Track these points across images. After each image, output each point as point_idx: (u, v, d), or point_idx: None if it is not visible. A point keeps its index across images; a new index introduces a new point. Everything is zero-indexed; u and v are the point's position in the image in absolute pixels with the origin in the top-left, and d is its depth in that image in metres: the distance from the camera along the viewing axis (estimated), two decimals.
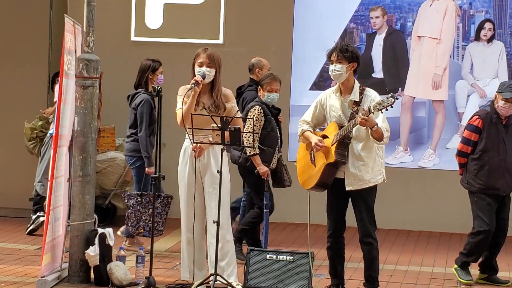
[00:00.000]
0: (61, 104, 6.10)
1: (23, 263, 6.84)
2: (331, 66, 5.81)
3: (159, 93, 5.95)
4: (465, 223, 8.80)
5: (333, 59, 5.79)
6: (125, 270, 6.20)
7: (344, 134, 5.71)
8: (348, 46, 5.84)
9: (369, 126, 5.62)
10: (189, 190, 6.06)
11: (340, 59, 5.76)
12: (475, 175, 6.56)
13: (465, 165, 6.66)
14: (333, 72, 5.80)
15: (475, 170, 6.56)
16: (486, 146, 6.52)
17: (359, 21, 9.08)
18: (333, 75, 5.82)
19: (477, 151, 6.55)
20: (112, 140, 8.65)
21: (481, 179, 6.53)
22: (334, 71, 5.79)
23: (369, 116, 5.56)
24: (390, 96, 5.58)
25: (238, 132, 5.82)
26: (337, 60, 5.77)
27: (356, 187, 5.77)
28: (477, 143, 6.56)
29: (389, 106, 5.59)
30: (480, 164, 6.54)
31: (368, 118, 5.56)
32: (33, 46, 9.29)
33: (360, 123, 5.60)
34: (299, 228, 8.59)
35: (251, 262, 6.15)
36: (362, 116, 5.57)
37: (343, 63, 5.77)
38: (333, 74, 5.81)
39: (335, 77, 5.81)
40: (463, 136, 6.71)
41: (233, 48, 8.90)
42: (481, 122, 6.55)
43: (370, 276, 5.89)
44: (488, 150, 6.52)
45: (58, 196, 6.18)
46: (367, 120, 5.57)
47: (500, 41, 8.91)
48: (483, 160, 6.53)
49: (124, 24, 9.23)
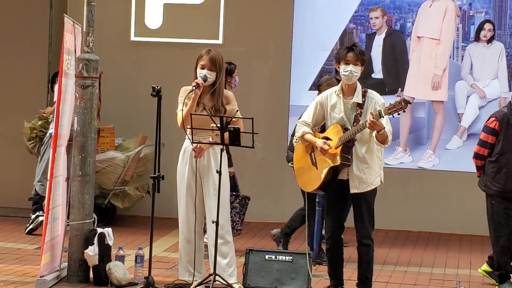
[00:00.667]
0: (60, 104, 6.10)
1: (22, 262, 6.85)
2: (349, 67, 5.70)
3: (158, 93, 5.95)
4: (464, 224, 8.81)
5: (350, 60, 5.70)
6: (124, 270, 6.20)
7: (350, 137, 5.70)
8: (362, 49, 5.79)
9: (377, 130, 5.60)
10: (189, 191, 6.06)
11: (357, 61, 5.72)
12: (492, 178, 6.45)
13: (482, 168, 6.55)
14: (350, 73, 5.70)
15: (493, 173, 6.44)
16: (503, 148, 6.41)
17: (358, 22, 9.08)
18: (348, 76, 5.71)
19: (494, 154, 6.43)
20: (111, 140, 8.64)
21: (498, 182, 6.42)
22: (352, 72, 5.70)
23: (378, 120, 5.55)
24: (402, 100, 5.53)
25: (238, 132, 5.82)
26: (355, 62, 5.71)
27: (360, 189, 5.77)
28: (494, 145, 6.44)
29: (402, 111, 5.55)
30: (497, 167, 6.43)
31: (378, 121, 5.55)
32: (33, 46, 9.29)
33: (369, 126, 5.56)
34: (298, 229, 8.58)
35: (250, 262, 6.15)
36: (372, 119, 5.53)
37: (359, 65, 5.74)
38: (349, 75, 5.70)
39: (350, 78, 5.72)
40: (479, 138, 6.56)
41: (233, 48, 8.90)
42: (498, 124, 6.43)
43: (366, 277, 5.88)
44: (505, 153, 6.41)
45: (57, 196, 6.19)
46: (376, 124, 5.55)
47: (500, 41, 8.91)
48: (501, 163, 6.42)
49: (124, 24, 9.24)
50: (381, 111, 5.59)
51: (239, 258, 6.81)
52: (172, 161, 7.54)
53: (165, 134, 6.47)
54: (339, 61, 5.76)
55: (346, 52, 5.74)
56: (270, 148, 8.68)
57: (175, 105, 6.19)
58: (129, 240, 7.86)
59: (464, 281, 6.81)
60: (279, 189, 9.04)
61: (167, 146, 8.35)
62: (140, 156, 8.55)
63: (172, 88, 6.91)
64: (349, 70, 5.72)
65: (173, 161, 6.34)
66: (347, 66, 5.72)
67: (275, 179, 9.05)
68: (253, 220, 8.98)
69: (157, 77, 8.60)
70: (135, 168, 8.54)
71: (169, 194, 7.73)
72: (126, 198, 8.61)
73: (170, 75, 8.88)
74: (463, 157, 8.90)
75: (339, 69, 5.78)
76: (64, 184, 6.31)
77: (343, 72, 5.75)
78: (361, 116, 5.77)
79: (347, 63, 5.72)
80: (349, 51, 5.74)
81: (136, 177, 8.59)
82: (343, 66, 5.74)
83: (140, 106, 9.02)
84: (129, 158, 8.47)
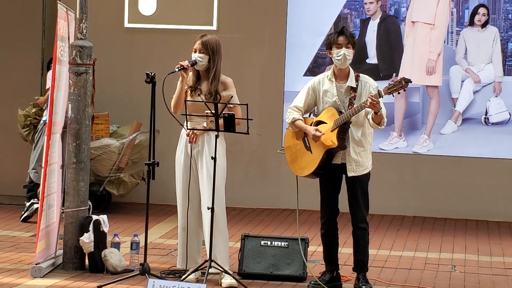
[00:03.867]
0: (54, 91, 6.08)
1: (17, 250, 6.85)
2: (342, 50, 5.67)
3: (152, 79, 5.93)
4: (459, 209, 8.84)
5: (342, 43, 5.68)
6: (120, 256, 6.20)
7: (346, 119, 5.69)
8: (351, 32, 5.78)
9: (375, 110, 5.58)
10: (185, 177, 6.06)
11: (349, 43, 5.70)
12: None
13: None
14: (344, 56, 5.67)
15: None
16: None
17: (353, 7, 9.06)
18: (342, 60, 5.68)
19: None
20: (106, 127, 8.63)
21: None
22: (345, 56, 5.67)
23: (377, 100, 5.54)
24: (402, 79, 5.51)
25: (232, 118, 5.81)
26: (346, 45, 5.69)
27: (358, 173, 5.78)
28: None
29: (402, 89, 5.53)
30: None
31: (378, 100, 5.54)
32: (27, 33, 9.25)
33: (370, 105, 5.53)
34: (293, 214, 8.61)
35: (245, 248, 6.16)
36: (373, 98, 5.50)
37: (351, 48, 5.72)
38: (343, 59, 5.68)
39: (344, 62, 5.70)
40: None
41: (227, 35, 8.87)
42: None
43: (362, 261, 5.90)
44: None
45: (51, 183, 6.18)
46: (378, 103, 5.53)
47: (494, 26, 8.90)
48: None
49: (118, 10, 9.20)
50: (381, 90, 5.59)
51: (234, 244, 6.82)
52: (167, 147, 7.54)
53: (159, 121, 6.45)
54: (331, 46, 5.75)
55: (337, 36, 5.72)
56: (265, 134, 8.68)
57: (170, 91, 6.17)
58: (125, 227, 7.86)
59: (459, 265, 6.84)
60: (274, 175, 9.05)
61: (162, 133, 8.34)
62: (135, 143, 8.54)
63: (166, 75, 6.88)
64: (342, 54, 5.70)
65: (168, 147, 6.34)
66: (340, 50, 5.71)
67: (270, 165, 9.05)
68: (248, 206, 9.00)
69: (151, 64, 8.58)
70: (130, 155, 8.53)
71: (165, 180, 7.74)
72: (121, 185, 8.60)
73: (164, 61, 8.85)
74: (458, 141, 8.92)
75: (332, 55, 5.77)
76: (59, 171, 6.31)
77: (336, 57, 5.73)
78: (355, 99, 5.76)
79: (339, 47, 5.71)
80: (340, 34, 5.73)
81: (131, 164, 8.59)
82: (335, 51, 5.73)
83: (134, 92, 9.01)
84: (124, 145, 8.46)
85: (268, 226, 8.13)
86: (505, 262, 6.97)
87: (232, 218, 8.02)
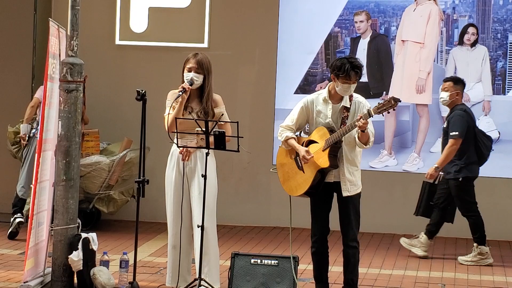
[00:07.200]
0: (46, 108, 6.07)
1: (6, 268, 6.80)
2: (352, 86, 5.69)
3: (143, 97, 5.93)
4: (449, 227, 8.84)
5: (352, 79, 5.67)
6: (109, 275, 6.17)
7: (337, 138, 5.70)
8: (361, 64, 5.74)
9: (362, 129, 5.60)
10: (176, 194, 6.04)
11: (357, 80, 5.73)
12: None
13: None
14: (350, 90, 5.71)
15: None
16: None
17: (343, 25, 9.11)
18: (347, 92, 5.72)
19: None
20: (96, 144, 8.61)
21: None
22: (351, 89, 5.72)
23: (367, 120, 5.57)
24: (391, 98, 5.55)
25: (223, 136, 5.81)
26: (355, 81, 5.71)
27: (352, 192, 5.79)
28: None
29: (391, 109, 5.58)
30: None
31: (367, 121, 5.58)
32: (17, 50, 9.24)
33: (361, 127, 5.56)
34: (284, 232, 8.59)
35: (235, 266, 6.14)
36: (363, 120, 5.53)
37: (356, 82, 5.75)
38: (348, 91, 5.71)
39: (347, 93, 5.74)
40: None
41: (218, 52, 8.90)
42: None
43: (352, 280, 5.89)
44: None
45: (42, 201, 6.15)
46: (366, 123, 5.57)
47: (483, 45, 8.95)
48: None
49: (109, 27, 9.21)
50: (370, 110, 5.61)
51: (224, 262, 6.80)
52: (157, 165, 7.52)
53: (150, 138, 6.45)
54: (338, 75, 5.71)
55: (350, 71, 5.67)
56: (255, 152, 8.68)
57: (160, 109, 6.17)
58: (114, 245, 7.83)
59: (449, 284, 6.84)
60: (265, 192, 9.04)
61: (152, 150, 8.32)
62: (125, 160, 8.52)
63: (157, 92, 6.90)
64: (349, 88, 5.73)
65: (158, 165, 6.33)
66: (351, 85, 5.72)
67: (261, 182, 9.05)
68: (238, 224, 8.98)
69: (142, 81, 8.58)
70: (120, 173, 8.51)
71: (154, 198, 7.72)
72: (111, 203, 8.57)
73: (155, 79, 8.86)
74: None
75: (335, 81, 5.75)
76: (50, 189, 6.28)
77: (341, 88, 5.73)
78: (348, 119, 5.78)
79: (349, 83, 5.71)
80: (353, 70, 5.67)
81: (121, 182, 8.57)
82: (342, 82, 5.70)
83: (125, 110, 9.00)
84: (114, 162, 8.44)
85: (258, 244, 8.11)
86: (494, 281, 6.98)
87: (222, 235, 8.00)
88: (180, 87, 5.99)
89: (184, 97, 5.99)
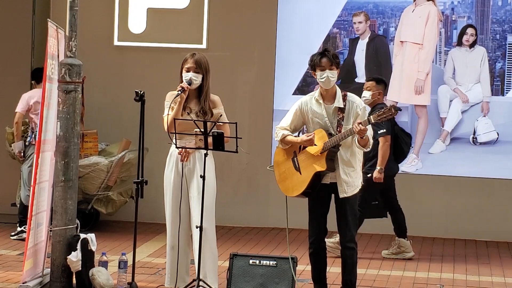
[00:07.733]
0: (45, 109, 6.07)
1: (4, 268, 6.80)
2: (326, 73, 5.72)
3: (142, 98, 5.93)
4: (447, 228, 8.85)
5: (325, 65, 5.72)
6: (107, 275, 6.17)
7: (335, 143, 5.72)
8: (335, 52, 5.84)
9: (361, 136, 5.63)
10: (175, 195, 6.04)
11: (332, 65, 5.75)
12: None
13: None
14: (327, 78, 5.72)
15: None
16: None
17: (342, 26, 9.11)
18: (326, 82, 5.74)
19: None
20: (94, 145, 8.62)
21: None
22: (329, 78, 5.72)
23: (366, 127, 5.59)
24: (392, 107, 5.58)
25: (221, 137, 5.81)
26: (330, 67, 5.74)
27: (349, 193, 5.79)
28: None
29: (391, 117, 5.62)
30: None
31: (366, 128, 5.59)
32: (16, 51, 9.24)
33: (359, 133, 5.59)
34: (282, 233, 8.60)
35: (234, 267, 6.14)
36: (361, 126, 5.56)
37: (335, 70, 5.77)
38: (327, 81, 5.73)
39: (328, 83, 5.75)
40: None
41: (217, 53, 8.90)
42: None
43: (350, 281, 5.89)
44: None
45: (41, 201, 6.15)
46: (366, 130, 5.59)
47: (482, 46, 8.96)
48: None
49: (107, 28, 9.21)
50: (371, 117, 5.63)
51: (223, 263, 6.80)
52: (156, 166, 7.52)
53: (148, 139, 6.45)
54: (314, 68, 5.80)
55: (320, 58, 5.77)
56: (254, 153, 8.68)
57: (159, 110, 6.17)
58: (113, 245, 7.83)
59: (447, 285, 6.84)
60: (263, 193, 9.04)
61: (151, 151, 8.33)
62: (124, 161, 8.52)
63: (156, 93, 6.90)
64: (325, 76, 5.74)
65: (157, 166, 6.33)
66: (323, 72, 5.75)
67: (259, 183, 9.05)
68: (237, 225, 8.98)
69: (140, 82, 8.59)
70: (119, 173, 8.51)
71: (153, 199, 7.72)
72: (110, 203, 8.57)
73: (153, 80, 8.87)
74: (446, 161, 8.95)
75: (316, 76, 5.81)
76: (49, 190, 6.28)
77: (320, 79, 5.78)
78: (344, 120, 5.78)
79: (323, 69, 5.76)
80: (322, 57, 5.77)
81: (119, 182, 8.57)
82: (319, 73, 5.77)
83: (123, 111, 9.00)
84: (113, 163, 8.44)
85: (256, 244, 8.12)
86: (493, 282, 6.98)
87: (221, 236, 8.00)
88: (179, 87, 5.99)
89: (183, 97, 5.99)
